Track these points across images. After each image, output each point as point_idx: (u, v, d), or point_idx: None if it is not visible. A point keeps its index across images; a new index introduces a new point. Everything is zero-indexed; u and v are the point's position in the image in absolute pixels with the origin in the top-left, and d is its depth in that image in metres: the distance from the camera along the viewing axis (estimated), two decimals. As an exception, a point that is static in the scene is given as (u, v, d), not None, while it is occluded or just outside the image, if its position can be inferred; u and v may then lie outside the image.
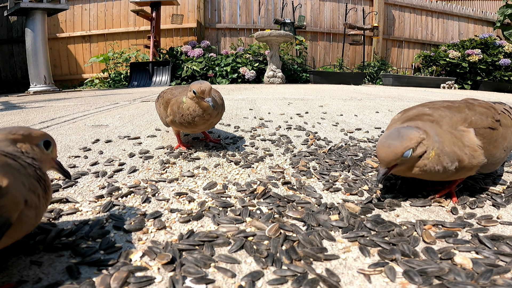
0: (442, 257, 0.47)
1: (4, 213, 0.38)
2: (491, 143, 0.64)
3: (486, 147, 0.63)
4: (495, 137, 0.65)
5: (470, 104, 0.70)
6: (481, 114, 0.67)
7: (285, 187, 0.76)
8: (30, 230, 0.43)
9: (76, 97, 3.41)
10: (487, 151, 0.63)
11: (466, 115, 0.65)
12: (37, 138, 0.47)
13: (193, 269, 0.44)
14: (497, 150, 0.66)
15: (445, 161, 0.60)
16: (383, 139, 0.62)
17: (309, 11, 6.67)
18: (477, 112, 0.67)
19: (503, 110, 0.74)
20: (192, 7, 6.39)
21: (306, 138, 1.25)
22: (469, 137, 0.62)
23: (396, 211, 0.64)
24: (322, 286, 0.42)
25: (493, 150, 0.65)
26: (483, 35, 6.33)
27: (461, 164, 0.61)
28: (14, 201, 0.39)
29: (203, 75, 5.71)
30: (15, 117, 1.87)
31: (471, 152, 0.62)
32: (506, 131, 0.69)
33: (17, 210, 0.39)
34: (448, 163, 0.61)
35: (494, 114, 0.68)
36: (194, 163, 0.96)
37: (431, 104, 0.72)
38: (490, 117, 0.67)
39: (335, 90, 3.92)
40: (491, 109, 0.70)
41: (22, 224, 0.41)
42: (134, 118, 1.75)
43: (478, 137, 0.62)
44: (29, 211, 0.41)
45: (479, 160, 0.62)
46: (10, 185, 0.38)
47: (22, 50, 5.85)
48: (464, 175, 0.65)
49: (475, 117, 0.65)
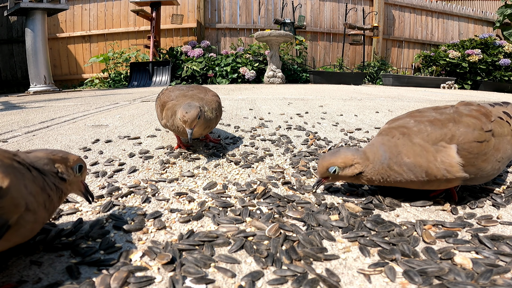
0: (442, 257, 0.47)
1: (3, 215, 0.37)
2: (479, 157, 0.61)
3: (472, 162, 0.61)
4: (484, 150, 0.62)
5: (457, 116, 0.66)
6: (468, 126, 0.63)
7: (285, 187, 0.76)
8: (28, 236, 0.43)
9: (76, 97, 3.41)
10: (473, 166, 0.61)
11: (448, 131, 0.63)
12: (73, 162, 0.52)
13: (193, 269, 0.44)
14: (487, 164, 0.62)
15: (405, 171, 0.62)
16: (326, 153, 0.70)
17: (309, 11, 6.67)
18: (463, 125, 0.63)
19: (501, 116, 0.69)
20: (192, 7, 6.39)
21: (306, 138, 1.25)
22: (448, 153, 0.60)
23: (396, 211, 0.64)
24: (322, 286, 0.42)
25: (482, 164, 0.62)
26: (483, 35, 6.33)
27: (430, 176, 0.61)
28: (14, 203, 0.38)
29: (203, 75, 5.71)
30: (15, 117, 1.87)
31: (446, 167, 0.60)
32: (500, 141, 0.65)
33: (17, 213, 0.39)
34: (408, 173, 0.62)
35: (484, 124, 0.64)
36: (194, 163, 0.96)
37: (419, 115, 0.69)
38: (478, 129, 0.63)
39: (335, 90, 3.92)
40: (482, 118, 0.65)
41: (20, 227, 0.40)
42: (134, 118, 1.75)
43: (462, 153, 0.60)
44: (27, 215, 0.41)
45: (457, 175, 0.60)
46: (11, 187, 0.38)
47: (22, 50, 5.86)
48: (445, 186, 0.64)
49: (460, 130, 0.62)
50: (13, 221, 0.39)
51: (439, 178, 0.61)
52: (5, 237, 0.39)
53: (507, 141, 0.67)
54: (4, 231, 0.38)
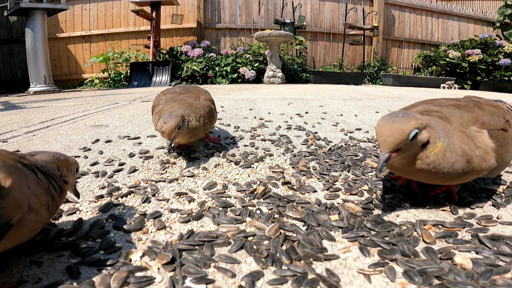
0: (442, 257, 0.47)
1: (5, 214, 0.38)
2: (503, 145, 0.59)
3: (498, 150, 0.58)
4: (507, 140, 0.60)
5: (478, 102, 0.64)
6: (493, 114, 0.61)
7: (285, 187, 0.76)
8: (30, 236, 0.43)
9: (76, 97, 3.41)
10: (498, 155, 0.58)
11: (477, 115, 0.59)
12: (72, 165, 0.55)
13: (193, 269, 0.44)
14: (507, 153, 0.61)
15: (452, 158, 0.55)
16: (385, 117, 0.54)
17: (309, 11, 6.67)
18: (487, 111, 0.61)
19: (508, 110, 0.69)
20: (192, 7, 6.39)
21: (306, 138, 1.25)
22: (483, 139, 0.57)
23: (396, 211, 0.64)
24: (322, 286, 0.42)
25: (504, 153, 0.60)
26: (483, 35, 6.33)
27: (469, 166, 0.56)
28: (17, 203, 0.39)
29: (203, 75, 5.71)
30: (15, 117, 1.87)
31: (482, 154, 0.57)
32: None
33: (20, 213, 0.39)
34: (454, 162, 0.55)
35: (504, 114, 0.63)
36: (194, 163, 0.96)
37: (436, 102, 0.67)
38: (502, 117, 0.61)
39: (335, 90, 3.92)
40: (500, 108, 0.64)
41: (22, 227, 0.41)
42: (134, 118, 1.75)
43: (492, 140, 0.57)
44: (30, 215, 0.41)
45: (490, 164, 0.58)
46: (14, 187, 0.39)
47: (22, 50, 5.85)
48: (469, 178, 0.60)
49: (487, 117, 0.60)
50: (15, 221, 0.39)
51: (474, 168, 0.56)
52: (7, 236, 0.39)
53: None
54: (6, 230, 0.38)
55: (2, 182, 0.38)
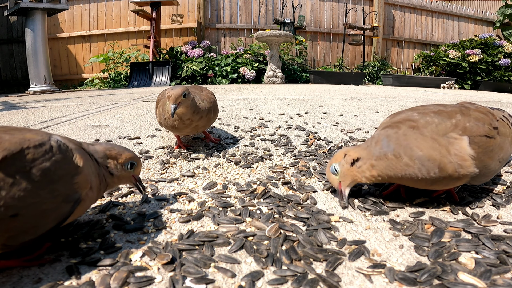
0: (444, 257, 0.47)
1: (78, 189, 0.45)
2: (487, 153, 0.59)
3: (480, 157, 0.58)
4: (491, 147, 0.60)
5: (465, 108, 0.64)
6: (477, 120, 0.61)
7: (285, 187, 0.76)
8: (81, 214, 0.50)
9: (76, 97, 3.41)
10: (480, 162, 0.58)
11: (458, 122, 0.60)
12: (125, 159, 0.57)
13: (193, 269, 0.44)
14: (492, 161, 0.60)
15: (417, 164, 0.58)
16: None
17: (309, 11, 6.67)
18: (472, 117, 0.61)
19: (502, 117, 0.68)
20: (192, 7, 6.39)
21: (306, 138, 1.25)
22: (460, 146, 0.57)
23: (396, 211, 0.64)
24: (322, 286, 0.42)
25: (488, 160, 0.59)
26: (483, 35, 6.33)
27: (443, 172, 0.57)
28: (86, 179, 0.46)
29: (203, 75, 5.71)
30: (15, 117, 1.87)
31: (459, 161, 0.57)
32: (503, 141, 0.64)
33: (86, 188, 0.47)
34: (421, 168, 0.58)
35: (491, 121, 0.63)
36: (194, 163, 0.96)
37: (422, 109, 0.67)
38: (487, 124, 0.61)
39: (335, 90, 3.92)
40: (488, 114, 0.64)
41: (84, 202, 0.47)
42: (134, 118, 1.75)
43: (472, 146, 0.57)
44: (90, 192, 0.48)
45: (469, 171, 0.57)
46: (85, 166, 0.47)
47: (22, 50, 5.85)
48: (453, 184, 0.61)
49: (470, 123, 0.60)
50: (83, 196, 0.46)
51: (450, 174, 0.58)
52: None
53: (508, 142, 0.66)
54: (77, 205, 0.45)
55: (78, 162, 0.46)
